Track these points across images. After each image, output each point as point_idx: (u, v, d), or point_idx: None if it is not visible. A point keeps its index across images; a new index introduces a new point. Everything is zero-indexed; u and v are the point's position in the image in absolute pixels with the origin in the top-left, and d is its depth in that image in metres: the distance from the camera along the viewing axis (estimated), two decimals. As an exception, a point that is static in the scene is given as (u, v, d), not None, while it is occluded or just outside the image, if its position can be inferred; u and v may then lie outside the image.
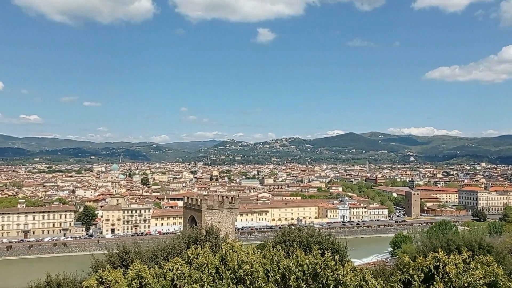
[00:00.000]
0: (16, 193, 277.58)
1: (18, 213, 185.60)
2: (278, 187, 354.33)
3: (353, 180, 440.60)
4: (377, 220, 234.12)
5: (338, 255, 22.92)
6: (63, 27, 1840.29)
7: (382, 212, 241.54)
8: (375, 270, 36.86)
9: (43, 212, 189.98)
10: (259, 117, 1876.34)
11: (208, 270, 17.99)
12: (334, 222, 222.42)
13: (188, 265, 18.18)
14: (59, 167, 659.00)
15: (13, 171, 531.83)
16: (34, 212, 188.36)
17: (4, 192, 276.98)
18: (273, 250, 19.73)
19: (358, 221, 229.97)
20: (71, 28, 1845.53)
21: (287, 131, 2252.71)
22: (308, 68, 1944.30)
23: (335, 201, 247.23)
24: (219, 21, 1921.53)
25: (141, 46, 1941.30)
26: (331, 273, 18.25)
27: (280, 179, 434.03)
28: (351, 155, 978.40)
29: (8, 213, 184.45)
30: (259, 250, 20.72)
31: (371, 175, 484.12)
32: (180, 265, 17.85)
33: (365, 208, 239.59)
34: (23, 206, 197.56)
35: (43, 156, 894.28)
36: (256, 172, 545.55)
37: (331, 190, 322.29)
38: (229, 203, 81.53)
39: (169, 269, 17.66)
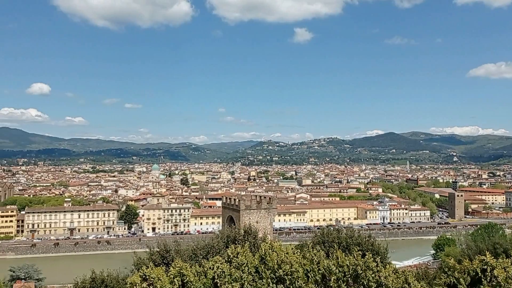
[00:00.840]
0: (63, 192, 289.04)
1: (64, 211, 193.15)
2: (316, 188, 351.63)
3: (393, 181, 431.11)
4: (419, 222, 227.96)
5: (379, 257, 22.48)
6: (105, 31, 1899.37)
7: (424, 213, 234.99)
8: (417, 273, 35.95)
9: (88, 210, 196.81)
10: (296, 118, 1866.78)
11: (248, 269, 18.11)
12: (374, 224, 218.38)
13: (228, 264, 18.38)
14: (103, 167, 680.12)
15: (60, 171, 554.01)
16: (79, 211, 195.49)
17: (52, 191, 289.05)
18: (312, 250, 19.63)
19: (399, 222, 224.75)
20: (113, 33, 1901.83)
21: (325, 131, 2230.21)
22: (346, 67, 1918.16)
23: (375, 202, 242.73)
24: (256, 22, 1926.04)
25: (180, 48, 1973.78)
26: (373, 275, 17.94)
27: (318, 180, 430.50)
28: (391, 156, 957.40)
29: (55, 212, 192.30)
30: (299, 250, 20.66)
31: (412, 176, 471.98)
32: (221, 263, 18.06)
33: (406, 209, 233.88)
34: (69, 205, 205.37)
35: (87, 157, 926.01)
36: (293, 173, 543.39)
37: (370, 191, 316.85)
38: (267, 203, 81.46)
39: (210, 268, 17.90)
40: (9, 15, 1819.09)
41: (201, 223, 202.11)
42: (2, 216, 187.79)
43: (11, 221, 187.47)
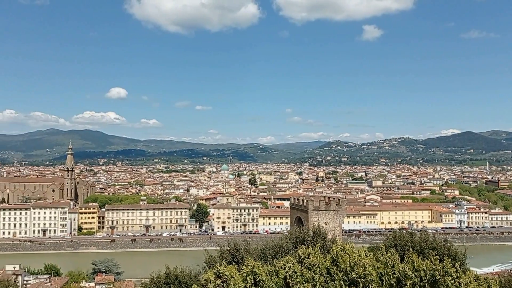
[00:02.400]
0: (139, 191, 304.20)
1: (140, 209, 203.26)
2: (387, 189, 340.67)
3: (471, 182, 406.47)
4: (500, 226, 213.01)
5: (458, 263, 21.29)
6: (177, 36, 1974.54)
7: (506, 218, 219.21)
8: (500, 281, 33.63)
9: (162, 209, 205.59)
10: (365, 117, 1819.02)
11: (319, 271, 17.97)
12: (450, 228, 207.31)
13: (300, 264, 18.33)
14: (175, 167, 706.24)
15: (136, 171, 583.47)
16: (154, 209, 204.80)
17: (129, 190, 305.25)
18: (386, 253, 19.02)
19: (478, 227, 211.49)
20: (183, 37, 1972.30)
21: (396, 131, 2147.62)
22: (419, 64, 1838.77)
23: (451, 205, 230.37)
24: (323, 21, 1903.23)
25: (247, 50, 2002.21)
26: (452, 281, 17.02)
27: (389, 181, 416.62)
28: (469, 156, 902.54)
29: (132, 209, 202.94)
30: (371, 253, 20.12)
31: (492, 178, 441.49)
32: (292, 264, 18.07)
33: (485, 213, 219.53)
34: (144, 203, 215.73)
35: (161, 157, 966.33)
36: (363, 174, 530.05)
37: (446, 193, 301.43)
38: (336, 204, 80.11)
39: (281, 267, 17.97)
40: (90, 24, 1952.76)
41: (269, 223, 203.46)
42: (85, 213, 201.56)
43: (93, 217, 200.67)
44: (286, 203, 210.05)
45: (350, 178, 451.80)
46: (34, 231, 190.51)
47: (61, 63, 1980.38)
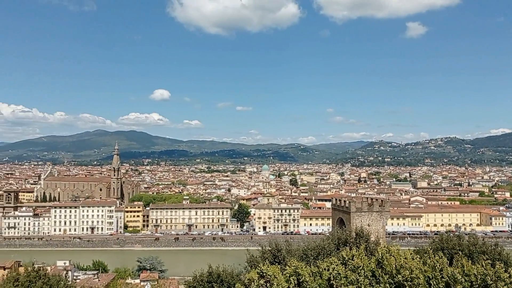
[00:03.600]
0: (182, 190, 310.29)
1: (183, 208, 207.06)
2: (433, 191, 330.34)
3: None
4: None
5: (511, 268, 20.28)
6: (218, 38, 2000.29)
7: None
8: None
9: (204, 208, 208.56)
10: (409, 117, 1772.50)
11: (364, 273, 17.64)
12: (501, 231, 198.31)
13: (344, 266, 18.08)
14: (217, 167, 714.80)
15: (179, 170, 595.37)
16: (196, 208, 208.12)
17: (172, 189, 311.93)
18: (434, 257, 18.39)
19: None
20: (224, 39, 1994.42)
21: (442, 131, 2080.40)
22: (466, 62, 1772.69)
23: (502, 208, 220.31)
24: (365, 19, 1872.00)
25: (288, 50, 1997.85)
26: (505, 287, 16.25)
27: (435, 182, 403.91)
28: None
29: (176, 208, 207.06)
30: (418, 256, 19.54)
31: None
32: (336, 265, 17.83)
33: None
34: (187, 202, 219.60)
35: (203, 157, 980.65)
36: (407, 174, 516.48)
37: (496, 195, 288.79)
38: (379, 206, 78.42)
39: (325, 269, 17.78)
40: (134, 28, 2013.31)
41: (310, 224, 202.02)
42: (131, 211, 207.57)
43: (138, 216, 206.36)
44: (328, 204, 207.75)
45: (394, 179, 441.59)
46: (83, 228, 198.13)
47: (107, 66, 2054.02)
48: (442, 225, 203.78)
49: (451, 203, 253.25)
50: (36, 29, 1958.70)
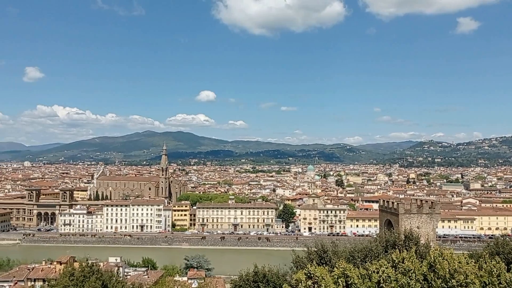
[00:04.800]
0: (227, 190, 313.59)
1: (229, 208, 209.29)
2: (487, 193, 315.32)
3: None
4: None
5: None
6: (262, 39, 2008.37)
7: None
8: None
9: (249, 208, 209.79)
10: (461, 116, 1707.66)
11: (415, 276, 17.10)
12: None
13: (394, 269, 17.61)
14: (262, 167, 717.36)
15: (224, 170, 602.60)
16: (242, 208, 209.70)
17: (218, 189, 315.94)
18: (491, 261, 17.53)
19: None
20: (269, 40, 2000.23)
21: (497, 130, 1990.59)
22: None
23: None
24: (412, 16, 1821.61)
25: (333, 50, 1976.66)
26: None
27: (489, 184, 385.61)
28: None
29: (221, 208, 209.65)
30: (473, 260, 18.70)
31: None
32: (386, 268, 17.40)
33: None
34: (233, 202, 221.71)
35: (248, 158, 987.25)
36: (459, 176, 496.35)
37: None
38: (429, 208, 75.80)
39: (374, 271, 17.38)
40: (181, 31, 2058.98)
41: (357, 225, 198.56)
42: (178, 210, 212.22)
43: (185, 215, 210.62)
44: (375, 205, 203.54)
45: (445, 180, 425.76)
46: (133, 226, 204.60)
47: (155, 68, 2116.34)
48: (497, 228, 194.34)
49: (507, 205, 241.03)
50: (88, 34, 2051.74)
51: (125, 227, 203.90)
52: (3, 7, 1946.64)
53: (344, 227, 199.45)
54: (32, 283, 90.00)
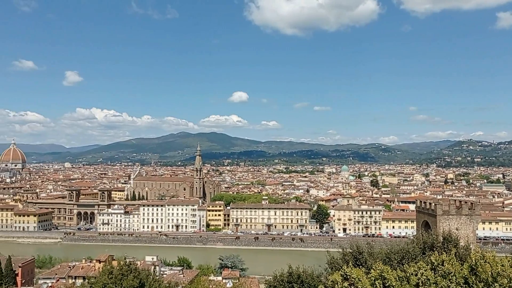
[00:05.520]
0: (260, 190, 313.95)
1: (262, 208, 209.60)
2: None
3: None
4: None
5: None
6: (294, 39, 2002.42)
7: None
8: None
9: (283, 208, 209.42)
10: (502, 113, 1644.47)
11: (455, 279, 16.61)
12: None
13: (433, 271, 17.18)
14: (295, 168, 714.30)
15: (258, 171, 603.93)
16: (275, 209, 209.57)
17: (251, 190, 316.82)
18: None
19: None
20: (301, 39, 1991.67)
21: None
22: None
23: None
24: (449, 11, 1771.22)
25: (367, 48, 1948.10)
26: None
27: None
28: None
29: (255, 208, 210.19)
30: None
31: None
32: (425, 270, 17.00)
33: None
34: (266, 203, 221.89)
35: (281, 158, 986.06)
36: (500, 176, 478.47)
37: None
38: (469, 209, 73.65)
39: (413, 274, 17.02)
40: (213, 33, 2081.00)
41: (393, 226, 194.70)
42: (212, 210, 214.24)
43: (219, 215, 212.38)
44: (411, 206, 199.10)
45: (485, 181, 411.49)
46: (168, 226, 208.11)
47: (188, 70, 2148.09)
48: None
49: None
50: (124, 38, 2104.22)
51: (161, 227, 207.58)
52: (44, 14, 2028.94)
53: (379, 228, 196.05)
54: (73, 280, 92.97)
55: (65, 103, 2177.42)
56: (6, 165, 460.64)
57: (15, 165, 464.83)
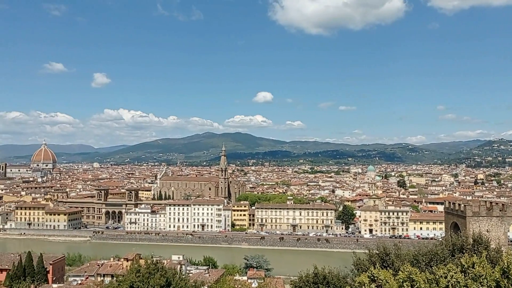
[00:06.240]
0: (285, 191, 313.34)
1: (287, 208, 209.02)
2: None
3: None
4: None
5: None
6: (319, 38, 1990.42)
7: None
8: None
9: (308, 209, 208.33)
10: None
11: (487, 282, 16.22)
12: None
13: (463, 274, 16.81)
14: (320, 168, 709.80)
15: (282, 171, 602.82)
16: (300, 209, 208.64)
17: (276, 190, 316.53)
18: None
19: None
20: (326, 39, 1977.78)
21: None
22: None
23: None
24: (479, 8, 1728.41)
25: (393, 47, 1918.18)
26: None
27: None
28: None
29: (280, 208, 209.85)
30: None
31: None
32: (455, 273, 16.64)
33: None
34: (291, 203, 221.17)
35: (306, 158, 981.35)
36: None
37: None
38: (499, 210, 71.74)
39: (442, 276, 16.68)
40: (238, 34, 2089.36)
41: (420, 228, 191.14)
42: (237, 210, 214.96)
43: (244, 215, 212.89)
44: (440, 207, 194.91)
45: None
46: (194, 225, 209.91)
47: (213, 71, 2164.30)
48: None
49: None
50: (150, 40, 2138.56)
51: (187, 226, 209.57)
52: (73, 18, 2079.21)
53: (407, 229, 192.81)
54: (102, 278, 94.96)
55: (94, 104, 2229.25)
56: (38, 165, 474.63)
57: (46, 165, 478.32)
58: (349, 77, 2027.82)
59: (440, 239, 54.76)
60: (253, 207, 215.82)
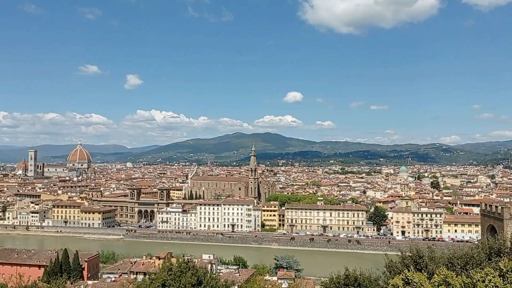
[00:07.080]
0: (315, 191, 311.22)
1: (317, 209, 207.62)
2: None
3: None
4: None
5: None
6: (350, 37, 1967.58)
7: None
8: None
9: (338, 210, 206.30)
10: None
11: (527, 288, 15.70)
12: None
13: (501, 278, 16.26)
14: (351, 168, 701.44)
15: (312, 171, 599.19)
16: (331, 210, 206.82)
17: (306, 190, 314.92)
18: None
19: None
20: (356, 38, 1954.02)
21: None
22: None
23: None
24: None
25: (426, 45, 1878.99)
26: None
27: None
28: None
29: (310, 209, 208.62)
30: None
31: None
32: (493, 277, 16.13)
33: None
34: (321, 204, 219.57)
35: (336, 159, 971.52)
36: None
37: None
38: (541, 213, 69.18)
39: (480, 280, 16.18)
40: (268, 34, 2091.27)
41: (455, 230, 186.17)
42: (267, 211, 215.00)
43: (274, 215, 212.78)
44: (475, 209, 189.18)
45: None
46: (224, 225, 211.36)
47: (243, 71, 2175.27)
48: None
49: None
50: (181, 41, 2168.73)
51: (217, 226, 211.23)
52: (106, 21, 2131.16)
53: (441, 231, 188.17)
54: (134, 275, 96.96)
55: (127, 105, 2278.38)
56: (73, 165, 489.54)
57: (81, 165, 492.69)
58: (380, 76, 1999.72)
59: (476, 242, 53.15)
60: (283, 208, 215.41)
